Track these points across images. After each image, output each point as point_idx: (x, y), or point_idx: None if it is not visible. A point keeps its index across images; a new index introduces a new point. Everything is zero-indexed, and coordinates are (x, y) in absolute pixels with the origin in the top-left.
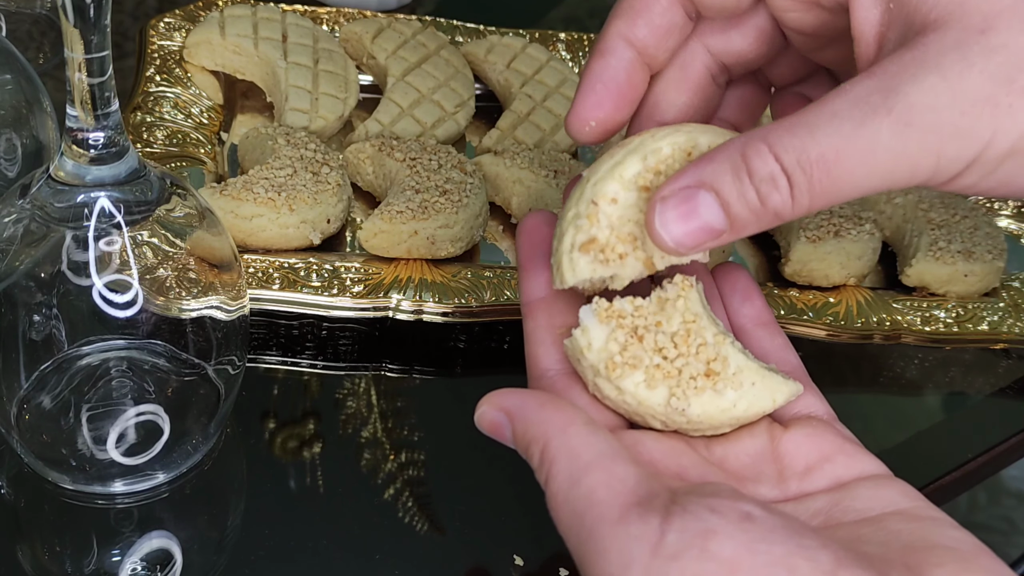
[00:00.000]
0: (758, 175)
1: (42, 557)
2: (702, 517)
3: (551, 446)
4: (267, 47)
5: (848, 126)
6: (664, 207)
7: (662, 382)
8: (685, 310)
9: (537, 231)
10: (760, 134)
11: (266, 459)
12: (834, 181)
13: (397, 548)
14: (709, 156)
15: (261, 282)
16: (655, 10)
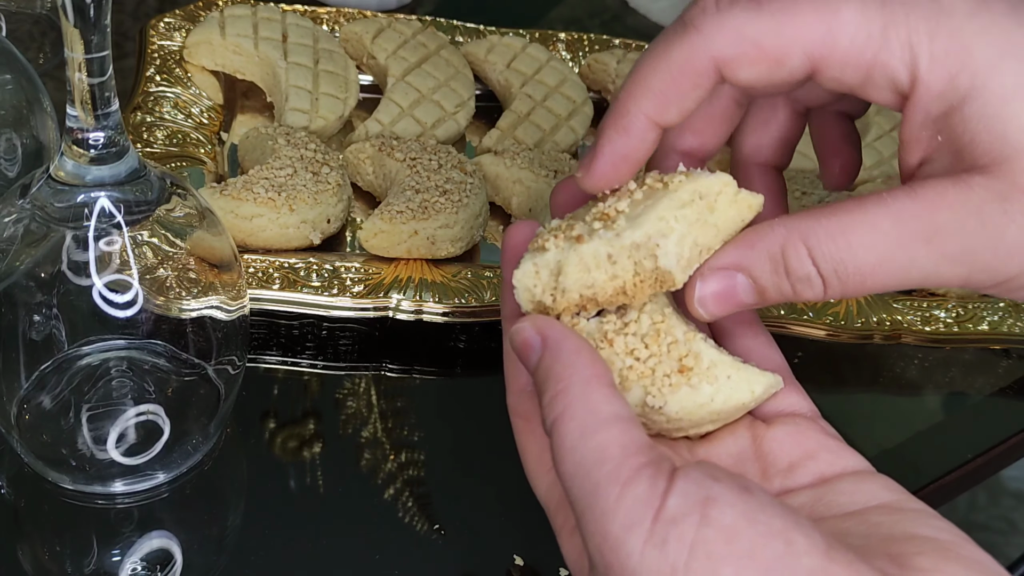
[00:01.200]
0: (795, 275)
1: (42, 557)
2: (703, 484)
3: (570, 392)
4: (267, 47)
5: (887, 245)
6: (704, 285)
7: (636, 383)
8: (653, 311)
9: (522, 247)
10: (800, 232)
11: (266, 459)
12: (866, 287)
13: (397, 548)
14: (750, 240)
15: (261, 282)
16: (689, 98)
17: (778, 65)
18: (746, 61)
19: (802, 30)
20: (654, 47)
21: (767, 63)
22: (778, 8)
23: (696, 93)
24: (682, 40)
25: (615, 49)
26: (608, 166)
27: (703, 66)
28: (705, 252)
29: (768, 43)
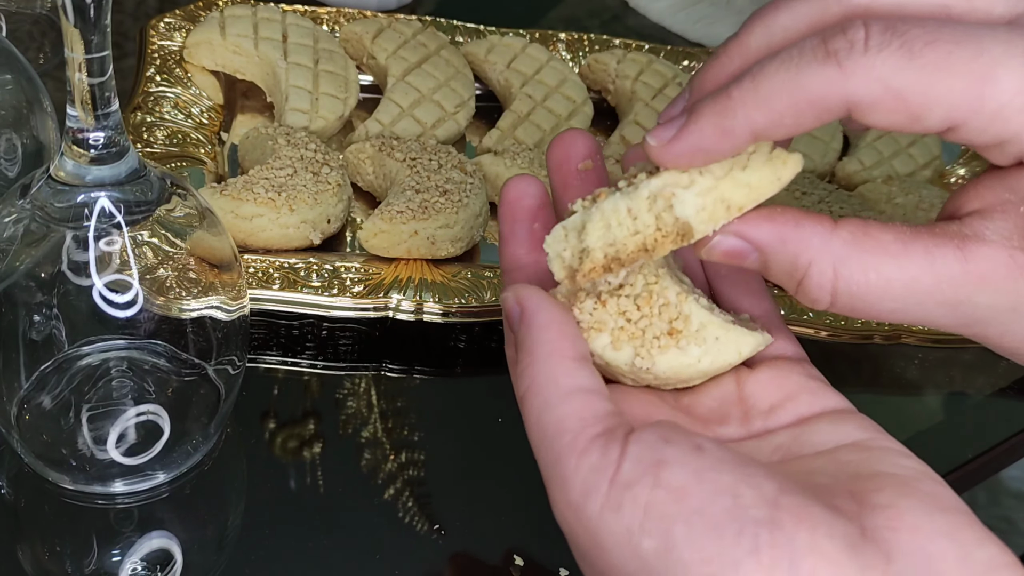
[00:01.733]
0: (806, 291)
1: (42, 557)
2: (656, 448)
3: (535, 366)
4: (267, 47)
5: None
6: (722, 242)
7: (627, 343)
8: (647, 272)
9: (519, 202)
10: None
11: (266, 459)
12: (865, 315)
13: (397, 548)
14: (784, 237)
15: (261, 282)
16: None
17: (915, 121)
18: (883, 110)
19: (952, 92)
20: (787, 64)
21: (905, 116)
22: (930, 62)
23: (814, 123)
24: (820, 71)
25: (615, 49)
26: (686, 152)
27: (834, 104)
28: (735, 211)
29: (913, 98)
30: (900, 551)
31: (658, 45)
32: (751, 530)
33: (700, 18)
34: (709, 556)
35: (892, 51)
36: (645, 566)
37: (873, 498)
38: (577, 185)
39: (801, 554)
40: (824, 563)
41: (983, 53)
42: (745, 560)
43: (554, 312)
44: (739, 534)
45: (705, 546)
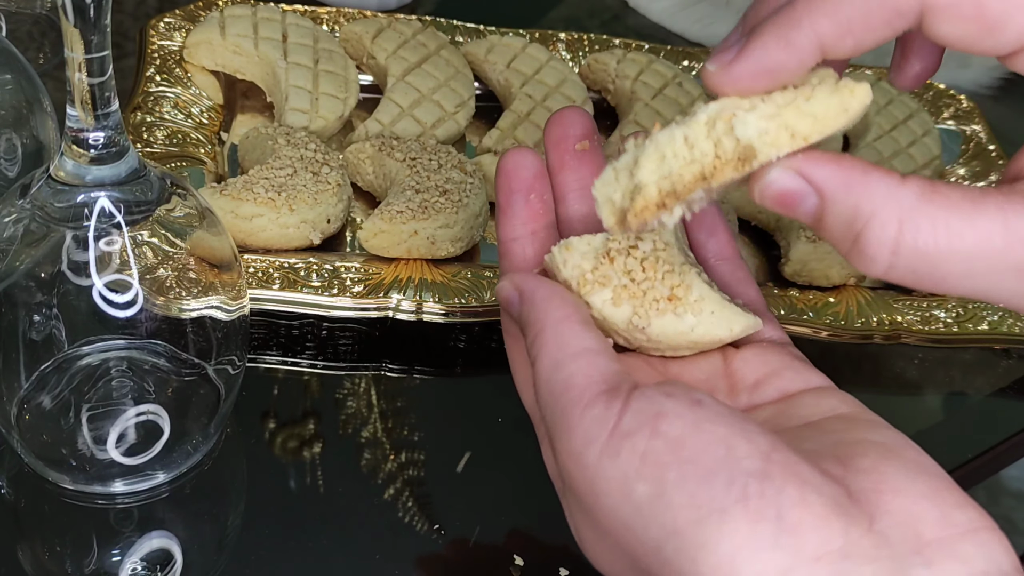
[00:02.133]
0: (860, 246)
1: (42, 557)
2: (656, 401)
3: (545, 332)
4: (267, 47)
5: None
6: (779, 178)
7: (627, 301)
8: (657, 238)
9: (516, 172)
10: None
11: (266, 459)
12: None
13: (397, 548)
14: (849, 180)
15: (261, 282)
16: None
17: (990, 32)
18: (959, 17)
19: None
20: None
21: (979, 25)
22: None
23: (883, 32)
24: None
25: (615, 49)
26: (749, 72)
27: (908, 6)
28: (799, 140)
29: (991, 3)
30: (883, 511)
31: (658, 45)
32: (741, 479)
33: (700, 18)
34: (698, 501)
35: None
36: (637, 510)
37: (858, 462)
38: (574, 165)
39: (788, 506)
40: (810, 516)
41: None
42: (732, 507)
43: (554, 288)
44: (729, 483)
45: (695, 492)
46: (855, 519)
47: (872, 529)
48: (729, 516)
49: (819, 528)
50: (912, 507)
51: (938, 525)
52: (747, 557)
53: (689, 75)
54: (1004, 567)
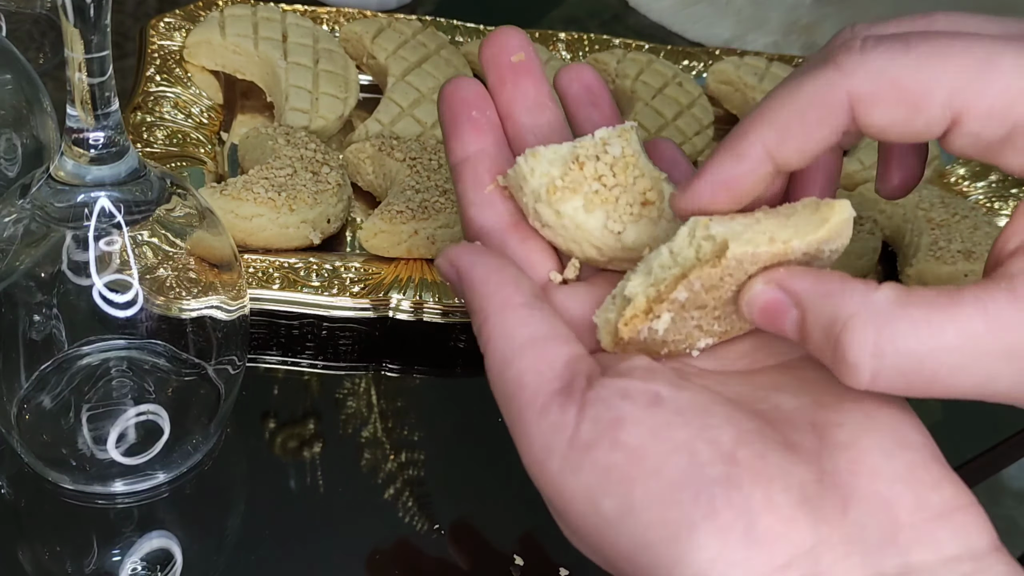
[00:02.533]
0: (841, 354)
1: (42, 557)
2: (613, 405)
3: (489, 322)
4: (267, 47)
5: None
6: (765, 291)
7: (599, 207)
8: (625, 144)
9: (454, 95)
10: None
11: (266, 459)
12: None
13: (397, 548)
14: (826, 290)
15: (261, 282)
16: (812, 136)
17: (916, 110)
18: (883, 101)
19: (948, 74)
20: (789, 78)
21: (905, 106)
22: (926, 51)
23: (821, 132)
24: (818, 74)
25: (615, 49)
26: (707, 187)
27: (835, 100)
28: (779, 243)
29: (909, 83)
30: (858, 496)
31: (658, 45)
32: (707, 491)
33: (700, 18)
34: (667, 518)
35: (888, 46)
36: (607, 522)
37: (835, 434)
38: (513, 79)
39: (757, 512)
40: (779, 521)
41: (979, 42)
42: (701, 523)
43: (490, 263)
44: (696, 496)
45: (663, 509)
46: (826, 513)
47: (845, 518)
48: (699, 531)
49: (788, 532)
50: (887, 492)
51: (913, 509)
52: (721, 571)
53: (689, 75)
54: (977, 549)
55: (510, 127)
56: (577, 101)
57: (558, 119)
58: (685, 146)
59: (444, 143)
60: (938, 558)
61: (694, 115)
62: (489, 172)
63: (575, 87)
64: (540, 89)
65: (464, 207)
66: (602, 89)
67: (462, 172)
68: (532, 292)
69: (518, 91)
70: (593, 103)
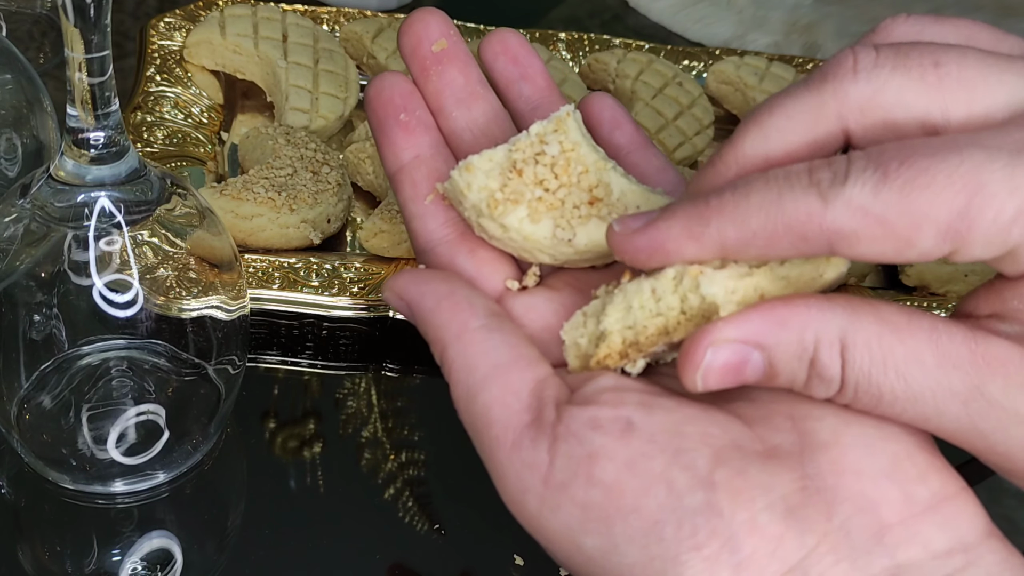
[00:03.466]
0: (819, 369)
1: (42, 557)
2: (585, 439)
3: (448, 353)
4: (267, 47)
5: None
6: (715, 356)
7: (546, 214)
8: (564, 138)
9: (380, 97)
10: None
11: (266, 459)
12: (876, 409)
13: (397, 548)
14: (780, 316)
15: (261, 282)
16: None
17: (908, 245)
18: (868, 239)
19: (936, 208)
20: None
21: (894, 243)
22: (907, 180)
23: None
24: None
25: (615, 49)
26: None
27: (812, 234)
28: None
29: (897, 221)
30: (842, 498)
31: (658, 45)
32: (689, 522)
33: (700, 18)
34: (651, 554)
35: (868, 176)
36: (590, 560)
37: (815, 431)
38: (438, 70)
39: (741, 536)
40: (763, 541)
41: (963, 162)
42: (687, 556)
43: (439, 288)
44: (678, 529)
45: (646, 544)
46: (810, 523)
47: (831, 523)
48: (685, 566)
49: (775, 550)
50: (872, 491)
51: (899, 506)
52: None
53: (689, 75)
54: (968, 539)
55: (443, 123)
56: (506, 77)
57: (492, 107)
58: (685, 146)
59: (378, 149)
60: (927, 554)
61: (694, 115)
62: (427, 179)
63: (501, 62)
64: (468, 75)
65: (407, 220)
66: (529, 55)
67: (400, 182)
68: (488, 311)
69: (444, 81)
70: (523, 76)
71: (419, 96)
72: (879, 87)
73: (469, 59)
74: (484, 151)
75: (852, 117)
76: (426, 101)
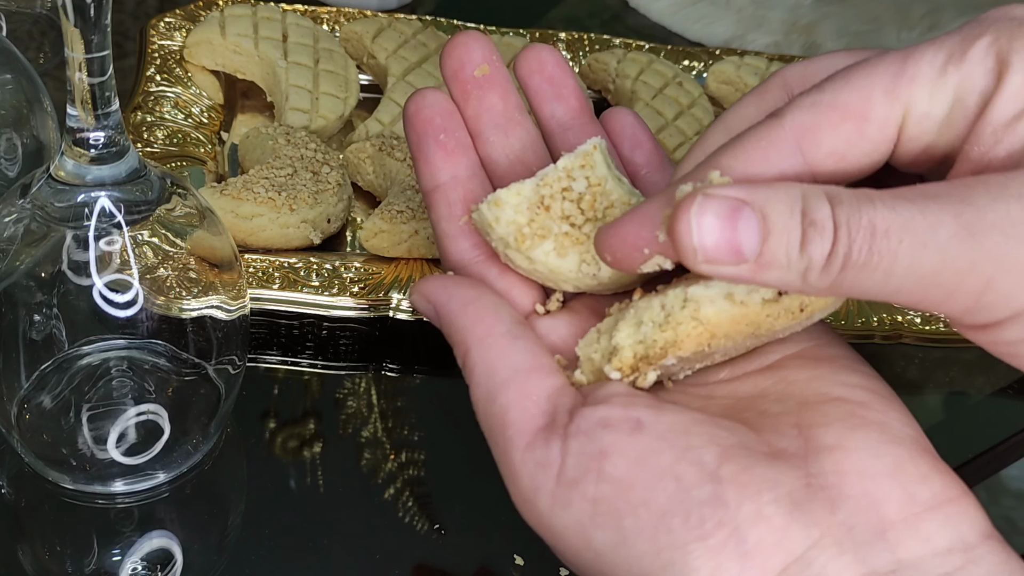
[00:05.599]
0: (810, 216)
1: (42, 557)
2: (595, 437)
3: (471, 356)
4: (267, 47)
5: (908, 210)
6: (704, 207)
7: (571, 248)
8: (590, 173)
9: (419, 115)
10: (820, 187)
11: (266, 459)
12: (873, 256)
13: (397, 548)
14: (765, 182)
15: (261, 282)
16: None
17: (864, 121)
18: (827, 125)
19: (875, 73)
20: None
21: (852, 122)
22: (847, 72)
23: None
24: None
25: (615, 49)
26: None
27: (783, 143)
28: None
29: (845, 99)
30: (845, 496)
31: (658, 45)
32: (696, 513)
33: (700, 18)
34: (659, 546)
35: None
36: (599, 556)
37: (820, 436)
38: (479, 94)
39: (747, 527)
40: (769, 532)
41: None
42: (694, 545)
43: (466, 293)
44: (686, 520)
45: (655, 537)
46: (815, 516)
47: (834, 518)
48: (692, 555)
49: (780, 542)
50: (875, 490)
51: (901, 505)
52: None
53: (689, 75)
54: (969, 539)
55: (481, 147)
56: (540, 96)
57: (529, 134)
58: (685, 146)
59: (414, 166)
60: (928, 552)
61: (694, 115)
62: (463, 201)
63: (536, 79)
64: (508, 102)
65: (439, 238)
66: (565, 75)
67: (435, 202)
68: (513, 319)
69: (484, 106)
70: (557, 96)
71: (459, 117)
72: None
73: (509, 85)
74: (512, 184)
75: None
76: (465, 122)
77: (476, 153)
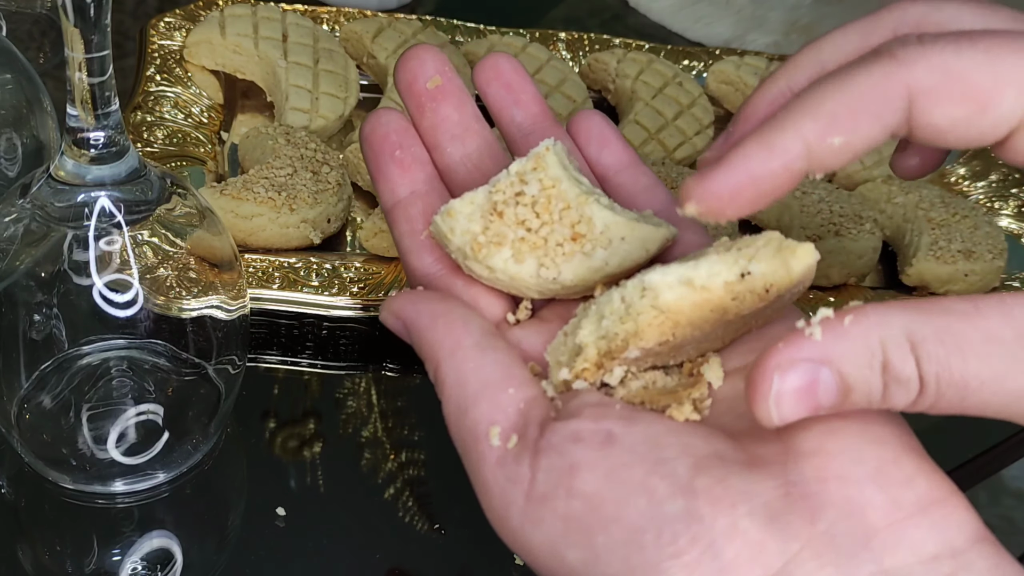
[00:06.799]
0: (894, 373)
1: (42, 557)
2: (566, 451)
3: (441, 370)
4: (267, 47)
5: (1005, 360)
6: (783, 380)
7: (529, 254)
8: (543, 175)
9: (374, 133)
10: (903, 325)
11: (266, 459)
12: (962, 404)
13: (397, 548)
14: (842, 331)
15: (261, 281)
16: (861, 131)
17: (983, 109)
18: (947, 97)
19: (1020, 71)
20: (840, 73)
21: (971, 104)
22: (993, 45)
23: (871, 128)
24: (873, 65)
25: (615, 49)
26: (728, 183)
27: (894, 93)
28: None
29: (979, 80)
30: (827, 503)
31: (658, 45)
32: (669, 529)
33: (700, 18)
34: (632, 564)
35: (950, 40)
36: (573, 572)
37: (800, 440)
38: (433, 106)
39: (722, 543)
40: (745, 547)
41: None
42: (668, 563)
43: (435, 308)
44: (658, 537)
45: (628, 555)
46: (793, 529)
47: (814, 529)
48: (667, 572)
49: (757, 556)
50: (857, 495)
51: (886, 510)
52: None
53: (689, 75)
54: (957, 544)
55: (438, 158)
56: (500, 103)
57: (486, 141)
58: (685, 146)
59: (374, 185)
60: (916, 559)
61: (694, 115)
62: (423, 215)
63: (494, 87)
64: (463, 111)
65: (403, 254)
66: (522, 81)
67: (395, 218)
68: (483, 331)
69: (439, 117)
70: (516, 102)
71: (414, 132)
72: (937, 6)
73: (464, 94)
74: (466, 194)
75: (906, 30)
76: (421, 137)
77: (434, 166)
